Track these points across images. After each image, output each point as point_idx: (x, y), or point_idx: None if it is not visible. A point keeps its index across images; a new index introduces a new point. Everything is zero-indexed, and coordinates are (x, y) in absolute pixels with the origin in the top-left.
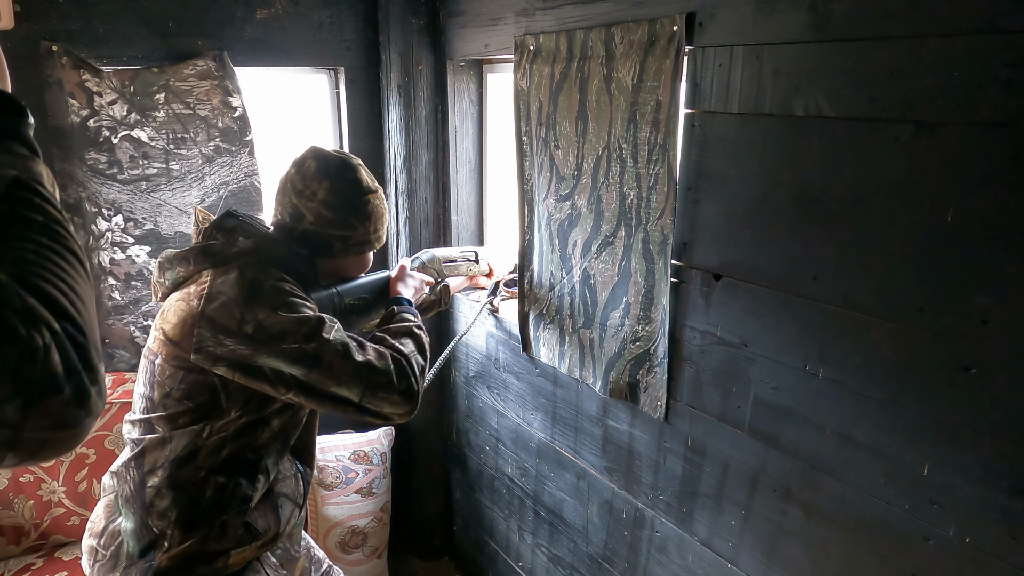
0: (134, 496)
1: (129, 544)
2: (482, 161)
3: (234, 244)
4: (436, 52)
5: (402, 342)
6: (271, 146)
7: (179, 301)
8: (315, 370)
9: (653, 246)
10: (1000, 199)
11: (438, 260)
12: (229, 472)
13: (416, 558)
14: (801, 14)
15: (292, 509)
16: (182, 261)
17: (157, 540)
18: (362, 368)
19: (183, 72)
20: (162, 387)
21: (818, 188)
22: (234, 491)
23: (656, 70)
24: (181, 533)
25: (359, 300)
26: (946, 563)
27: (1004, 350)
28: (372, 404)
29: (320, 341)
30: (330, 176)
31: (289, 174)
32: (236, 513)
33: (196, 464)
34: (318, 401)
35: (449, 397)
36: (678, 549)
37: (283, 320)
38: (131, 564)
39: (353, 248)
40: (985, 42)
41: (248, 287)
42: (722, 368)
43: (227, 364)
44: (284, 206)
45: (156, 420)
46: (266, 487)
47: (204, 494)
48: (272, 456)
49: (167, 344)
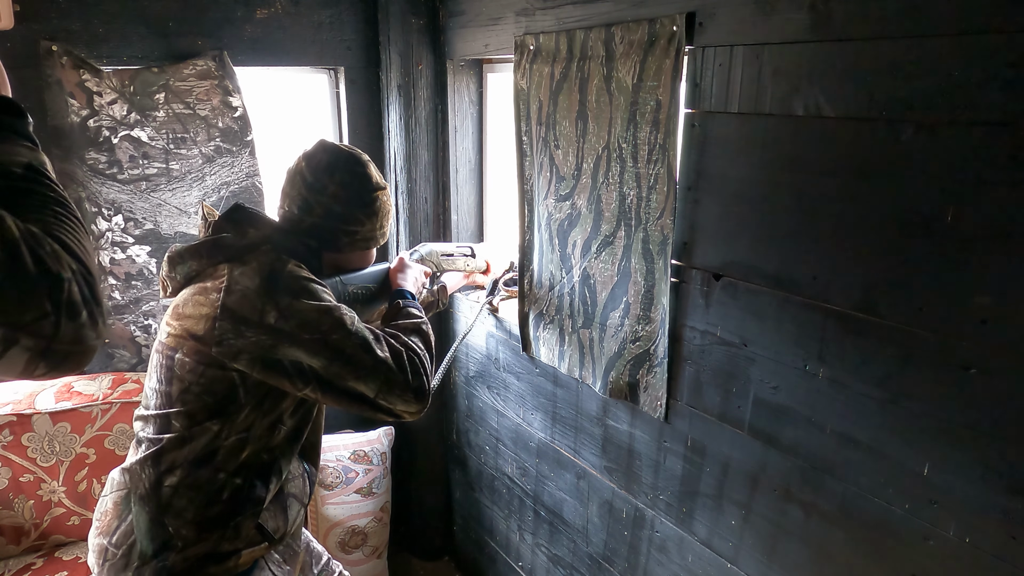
0: (149, 495)
1: (142, 543)
2: (482, 161)
3: (245, 236)
4: (436, 52)
5: (413, 339)
6: (272, 146)
7: (196, 295)
8: (336, 362)
9: (653, 246)
10: (1000, 199)
11: (436, 254)
12: (246, 474)
13: (416, 558)
14: (801, 14)
15: (299, 509)
16: (195, 255)
17: (171, 540)
18: (381, 363)
19: (183, 72)
20: (181, 381)
21: (818, 188)
22: (249, 493)
23: (656, 70)
24: (195, 533)
25: (362, 290)
26: (946, 563)
27: (1004, 350)
28: (386, 401)
29: (343, 332)
30: (340, 170)
31: (299, 167)
32: (250, 515)
33: (214, 465)
34: (334, 396)
35: (449, 397)
36: (678, 549)
37: (305, 308)
38: (144, 563)
39: (359, 243)
40: (985, 42)
41: (267, 276)
42: (722, 368)
43: (248, 357)
44: (293, 199)
45: (174, 416)
46: (278, 488)
47: (221, 496)
48: (286, 457)
49: (187, 339)
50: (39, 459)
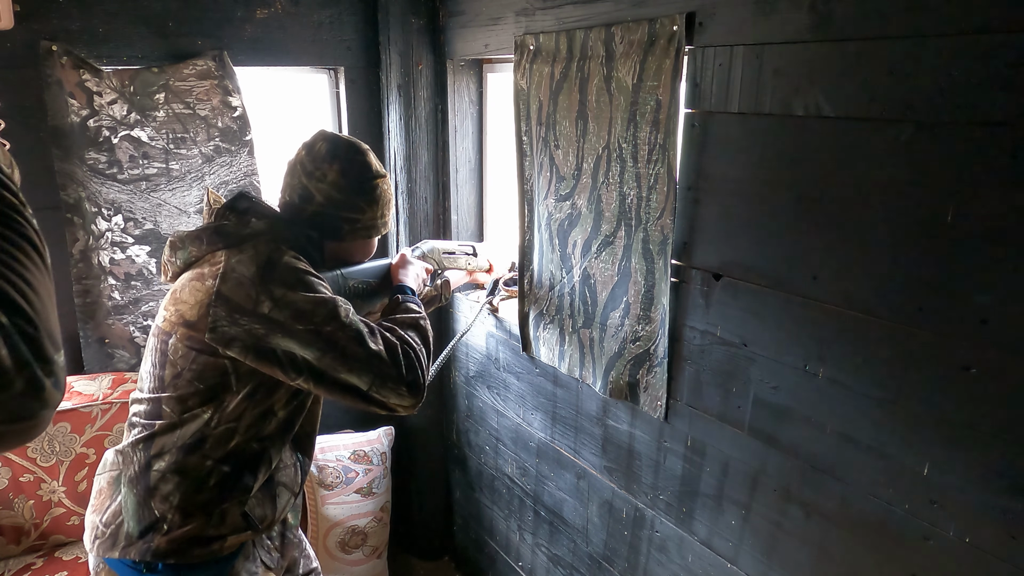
0: (138, 477)
1: (129, 524)
2: (482, 161)
3: (247, 225)
4: (436, 52)
5: (409, 334)
6: (271, 146)
7: (193, 281)
8: (328, 354)
9: (653, 246)
10: (1000, 199)
11: (437, 251)
12: (234, 463)
13: (416, 558)
14: (801, 14)
15: (289, 497)
16: (195, 240)
17: (157, 523)
18: (374, 356)
19: (183, 72)
20: (174, 367)
21: (818, 188)
22: (236, 481)
23: (656, 70)
24: (181, 518)
25: (363, 284)
26: (946, 563)
27: (1004, 350)
28: (379, 394)
29: (336, 324)
30: (340, 158)
31: (299, 156)
32: (236, 502)
33: (203, 452)
34: (327, 388)
35: (449, 397)
36: (678, 549)
37: (299, 299)
38: (130, 544)
39: (360, 232)
40: (985, 42)
41: (263, 265)
42: (722, 368)
43: (241, 345)
44: (293, 188)
45: (165, 400)
46: (267, 476)
47: (208, 482)
48: (276, 447)
49: (182, 324)
50: (39, 459)
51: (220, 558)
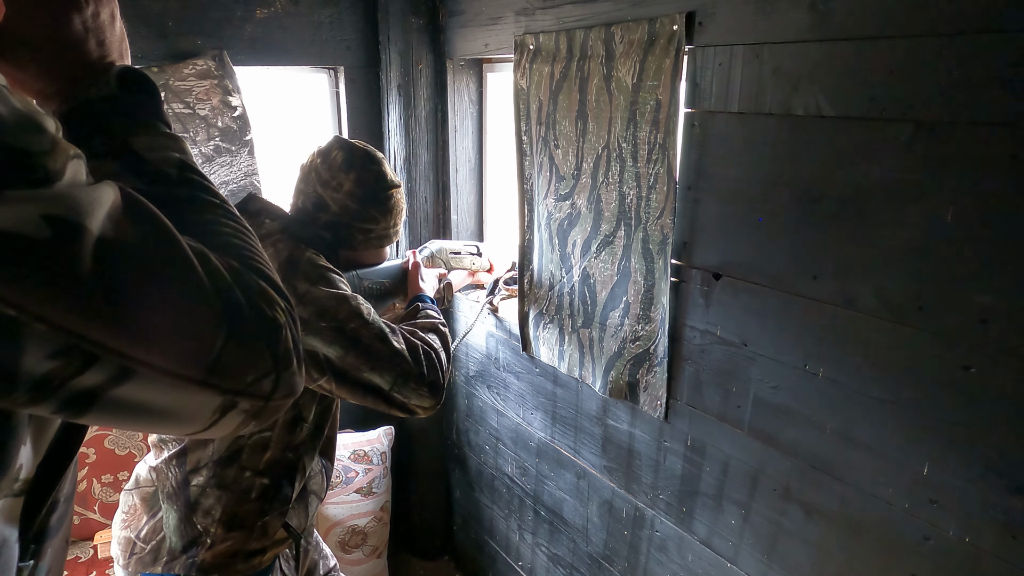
0: (177, 493)
1: (172, 539)
2: (482, 161)
3: (261, 226)
4: (436, 51)
5: (430, 336)
6: (271, 146)
7: None
8: (352, 352)
9: (653, 245)
10: (1000, 199)
11: (445, 251)
12: (271, 474)
13: (416, 558)
14: (801, 13)
15: (317, 504)
16: None
17: (200, 537)
18: (397, 355)
19: (183, 72)
20: None
21: (818, 188)
22: (276, 493)
23: (656, 69)
24: (224, 532)
25: (377, 284)
26: (946, 563)
27: (1004, 350)
28: (401, 394)
29: (360, 322)
30: (356, 168)
31: (314, 163)
32: (278, 514)
33: (240, 464)
34: (349, 388)
35: (449, 396)
36: (678, 548)
37: (322, 295)
38: (173, 559)
39: (372, 241)
40: (985, 42)
41: (285, 262)
42: (722, 368)
43: None
44: (307, 195)
45: None
46: (301, 485)
47: (250, 495)
48: (308, 455)
49: None
50: None
51: (259, 572)
